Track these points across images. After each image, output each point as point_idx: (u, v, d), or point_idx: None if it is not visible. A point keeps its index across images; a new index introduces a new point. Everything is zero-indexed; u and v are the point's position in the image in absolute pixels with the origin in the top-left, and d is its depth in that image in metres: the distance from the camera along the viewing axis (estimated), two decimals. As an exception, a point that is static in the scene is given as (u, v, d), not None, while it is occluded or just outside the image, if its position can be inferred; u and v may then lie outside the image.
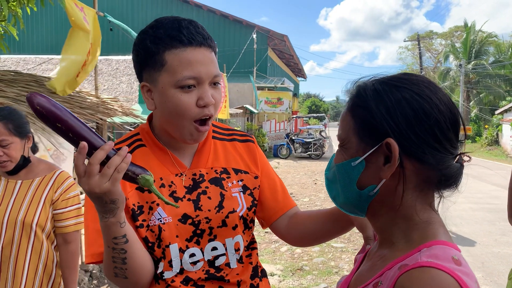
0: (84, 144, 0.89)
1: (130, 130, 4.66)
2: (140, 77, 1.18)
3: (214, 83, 1.14)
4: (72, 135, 0.90)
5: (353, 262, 1.03)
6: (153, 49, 1.09)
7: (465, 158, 0.80)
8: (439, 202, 0.81)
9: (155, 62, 1.10)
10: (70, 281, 2.04)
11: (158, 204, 1.15)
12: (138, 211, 1.15)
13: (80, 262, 4.26)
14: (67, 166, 4.94)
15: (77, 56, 3.74)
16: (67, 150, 4.83)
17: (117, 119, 4.37)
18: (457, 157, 0.78)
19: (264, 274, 1.34)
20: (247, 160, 1.32)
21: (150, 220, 1.14)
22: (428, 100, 0.76)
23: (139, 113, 5.13)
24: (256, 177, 1.31)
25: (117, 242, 0.99)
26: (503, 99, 26.62)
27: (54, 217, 2.00)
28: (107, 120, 4.13)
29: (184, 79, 1.07)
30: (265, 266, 4.57)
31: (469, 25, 30.65)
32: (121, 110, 4.31)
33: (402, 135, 0.74)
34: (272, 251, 5.41)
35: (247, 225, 1.28)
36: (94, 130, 0.94)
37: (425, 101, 0.75)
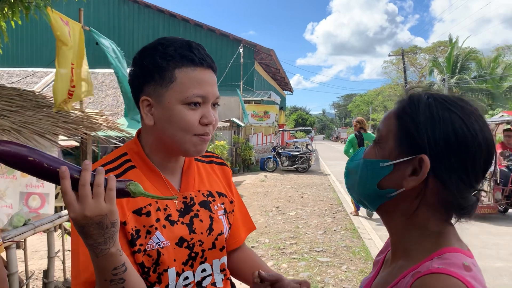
0: (65, 167, 0.84)
1: (115, 144, 4.63)
2: (139, 91, 1.15)
3: (214, 104, 1.17)
4: (47, 165, 0.84)
5: (372, 265, 1.04)
6: (163, 65, 1.10)
7: (483, 193, 0.82)
8: (456, 221, 0.82)
9: (163, 78, 1.10)
10: None
11: (156, 228, 1.13)
12: (136, 235, 1.11)
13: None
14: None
15: (63, 69, 3.74)
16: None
17: (101, 133, 4.34)
18: (475, 191, 0.80)
19: (233, 284, 1.38)
20: (224, 184, 1.36)
21: (148, 244, 1.11)
22: (474, 134, 0.77)
23: (124, 127, 5.10)
24: (231, 202, 1.35)
25: (117, 272, 0.93)
26: (485, 113, 27.08)
27: None
28: (92, 134, 4.10)
29: (193, 96, 1.10)
30: (251, 281, 4.52)
31: (453, 40, 31.32)
32: (106, 124, 4.28)
33: (437, 156, 0.76)
34: (258, 265, 5.35)
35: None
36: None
37: (470, 134, 0.77)
